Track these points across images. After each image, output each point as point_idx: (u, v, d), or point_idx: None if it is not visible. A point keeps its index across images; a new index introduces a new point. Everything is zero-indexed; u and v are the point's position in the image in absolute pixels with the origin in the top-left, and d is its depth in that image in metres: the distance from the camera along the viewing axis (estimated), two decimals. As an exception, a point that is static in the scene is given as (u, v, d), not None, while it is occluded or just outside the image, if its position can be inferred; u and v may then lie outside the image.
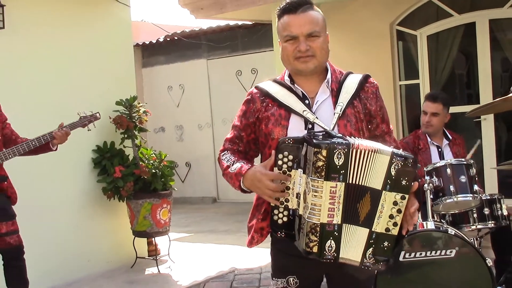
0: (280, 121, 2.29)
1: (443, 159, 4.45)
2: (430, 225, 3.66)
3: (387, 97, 7.40)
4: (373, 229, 2.09)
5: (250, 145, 2.43)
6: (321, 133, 2.16)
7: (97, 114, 4.47)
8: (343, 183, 2.06)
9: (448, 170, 3.95)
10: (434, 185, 3.90)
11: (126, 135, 5.97)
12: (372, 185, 2.08)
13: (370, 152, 2.08)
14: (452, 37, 7.08)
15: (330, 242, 2.08)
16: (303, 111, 2.27)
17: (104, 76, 6.10)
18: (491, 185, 6.51)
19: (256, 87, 2.43)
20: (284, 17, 2.31)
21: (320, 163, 2.04)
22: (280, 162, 2.15)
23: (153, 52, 11.03)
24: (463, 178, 3.93)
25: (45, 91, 5.43)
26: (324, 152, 2.04)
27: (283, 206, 2.18)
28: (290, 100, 2.31)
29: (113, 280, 5.63)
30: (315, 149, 2.04)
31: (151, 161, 5.99)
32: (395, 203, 2.07)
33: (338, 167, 2.05)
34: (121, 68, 6.33)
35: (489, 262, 3.49)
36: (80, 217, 5.81)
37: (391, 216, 2.08)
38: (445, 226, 3.76)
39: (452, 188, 3.92)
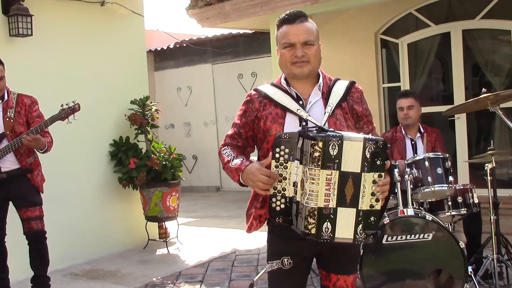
0: (277, 119, 2.29)
1: (416, 149, 4.51)
2: (410, 211, 3.65)
3: (372, 98, 7.37)
4: (359, 208, 2.07)
5: (248, 141, 2.41)
6: (314, 129, 2.15)
7: (76, 106, 3.93)
8: (338, 171, 2.04)
9: (426, 163, 3.96)
10: (414, 176, 3.91)
11: (139, 131, 5.96)
12: (353, 169, 2.06)
13: (348, 141, 2.06)
14: (430, 45, 7.04)
15: (327, 224, 2.05)
16: (297, 109, 2.27)
17: (120, 79, 6.07)
18: (464, 177, 6.49)
19: (255, 89, 2.42)
20: (283, 27, 2.32)
21: (316, 154, 2.02)
22: (277, 155, 2.14)
23: (164, 57, 10.99)
24: (439, 170, 3.94)
25: (69, 93, 5.37)
26: (320, 144, 2.02)
27: (280, 194, 2.16)
28: (286, 100, 2.31)
29: (127, 259, 5.62)
30: (312, 141, 2.02)
31: (162, 154, 5.98)
32: (374, 182, 2.06)
33: (333, 157, 2.03)
34: (136, 72, 6.31)
35: (462, 245, 3.50)
36: (99, 204, 5.80)
37: (373, 194, 2.07)
38: (423, 212, 3.75)
39: (429, 179, 3.94)
